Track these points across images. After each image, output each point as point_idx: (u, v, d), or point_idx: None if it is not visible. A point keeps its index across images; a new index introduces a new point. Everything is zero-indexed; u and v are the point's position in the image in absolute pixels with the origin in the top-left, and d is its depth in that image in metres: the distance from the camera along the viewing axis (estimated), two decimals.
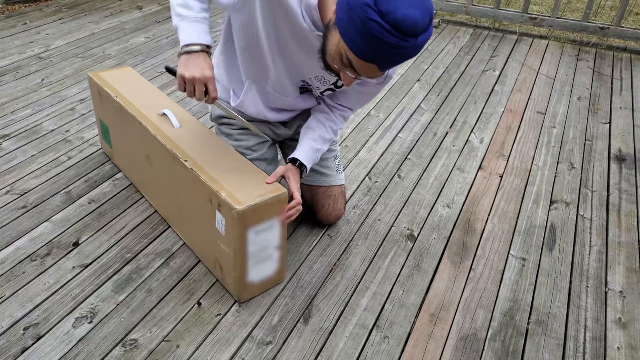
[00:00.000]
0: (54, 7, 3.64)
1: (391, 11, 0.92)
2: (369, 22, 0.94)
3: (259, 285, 1.40)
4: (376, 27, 0.94)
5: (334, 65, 1.11)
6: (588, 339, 1.35)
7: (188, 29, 1.20)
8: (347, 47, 1.02)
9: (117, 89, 1.74)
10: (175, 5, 1.22)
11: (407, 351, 1.30)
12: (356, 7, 0.95)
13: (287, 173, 1.36)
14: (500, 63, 3.00)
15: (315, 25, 1.17)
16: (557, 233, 1.71)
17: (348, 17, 0.97)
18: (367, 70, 1.06)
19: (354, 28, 0.97)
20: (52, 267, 1.49)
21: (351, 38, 0.99)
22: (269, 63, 1.32)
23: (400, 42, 0.95)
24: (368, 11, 0.93)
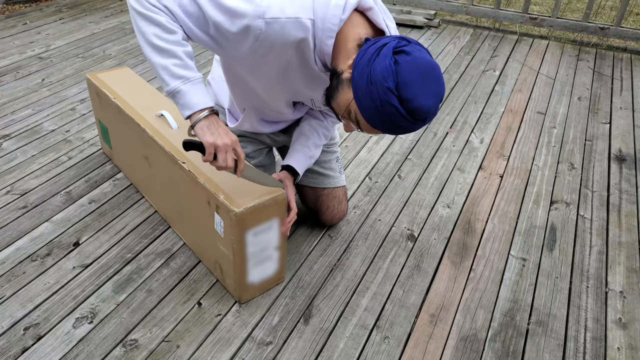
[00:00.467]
0: (54, 7, 3.64)
1: (410, 99, 0.97)
2: (388, 105, 0.97)
3: (258, 286, 1.40)
4: (393, 112, 0.98)
5: (338, 112, 1.14)
6: (588, 339, 1.35)
7: (195, 92, 1.12)
8: (359, 112, 1.05)
9: (114, 90, 1.74)
10: (169, 65, 1.09)
11: (407, 351, 1.30)
12: (378, 86, 0.97)
13: (285, 181, 1.37)
14: (500, 63, 3.01)
15: (325, 67, 1.17)
16: (557, 233, 1.71)
17: (366, 90, 1.00)
18: (371, 130, 1.10)
19: (370, 101, 1.00)
20: (52, 267, 1.49)
21: (366, 108, 1.02)
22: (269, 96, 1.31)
23: (410, 125, 1.00)
24: (389, 95, 0.97)
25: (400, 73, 0.96)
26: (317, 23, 1.08)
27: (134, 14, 1.09)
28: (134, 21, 1.10)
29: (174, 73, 1.10)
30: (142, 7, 1.07)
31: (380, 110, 0.99)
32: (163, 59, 1.09)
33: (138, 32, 1.10)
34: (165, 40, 1.08)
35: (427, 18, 3.53)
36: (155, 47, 1.08)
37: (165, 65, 1.09)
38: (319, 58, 1.14)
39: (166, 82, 1.11)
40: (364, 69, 1.00)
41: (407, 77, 0.96)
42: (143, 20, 1.08)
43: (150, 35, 1.08)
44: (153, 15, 1.07)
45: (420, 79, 0.97)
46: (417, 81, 0.97)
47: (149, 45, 1.09)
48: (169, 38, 1.08)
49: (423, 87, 0.97)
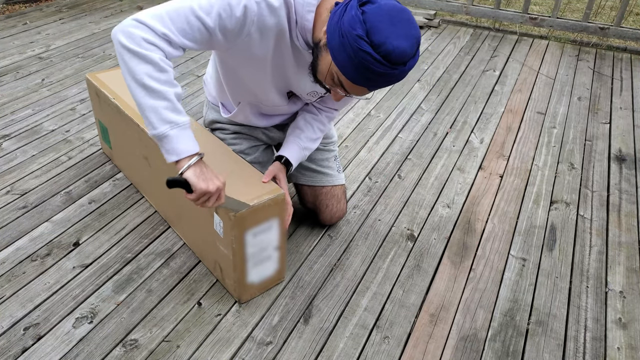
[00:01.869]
0: (54, 7, 3.64)
1: (382, 42, 0.97)
2: (361, 52, 0.98)
3: (258, 286, 1.40)
4: (368, 58, 0.98)
5: (324, 82, 1.14)
6: (588, 339, 1.35)
7: (183, 137, 1.09)
8: (339, 70, 1.05)
9: (114, 90, 1.74)
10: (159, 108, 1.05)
11: (407, 351, 1.30)
12: (349, 36, 0.98)
13: (278, 174, 1.38)
14: (500, 63, 3.01)
15: (307, 44, 1.19)
16: (557, 233, 1.71)
17: (340, 44, 1.01)
18: (356, 90, 1.10)
19: (345, 55, 1.01)
20: (52, 267, 1.49)
21: (343, 64, 1.02)
22: (261, 89, 1.33)
23: (389, 70, 1.00)
24: (360, 42, 0.97)
25: (368, 20, 0.97)
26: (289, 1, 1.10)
27: (122, 51, 1.03)
28: (122, 58, 1.03)
29: (163, 117, 1.05)
30: (135, 44, 1.02)
31: (356, 61, 0.99)
32: (152, 100, 1.04)
33: (126, 70, 1.04)
34: (157, 80, 1.04)
35: (427, 18, 3.53)
36: (146, 87, 1.03)
37: (154, 107, 1.05)
38: (300, 35, 1.16)
39: (153, 125, 1.06)
40: (334, 26, 1.01)
41: (376, 22, 0.97)
42: (134, 58, 1.02)
43: (142, 75, 1.03)
44: (146, 53, 1.02)
45: (390, 22, 0.97)
46: (387, 24, 0.97)
47: (138, 85, 1.04)
48: (161, 77, 1.04)
49: (394, 30, 0.97)
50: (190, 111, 2.36)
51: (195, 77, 2.69)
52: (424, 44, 3.24)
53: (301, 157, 1.46)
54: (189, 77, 2.69)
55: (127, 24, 1.03)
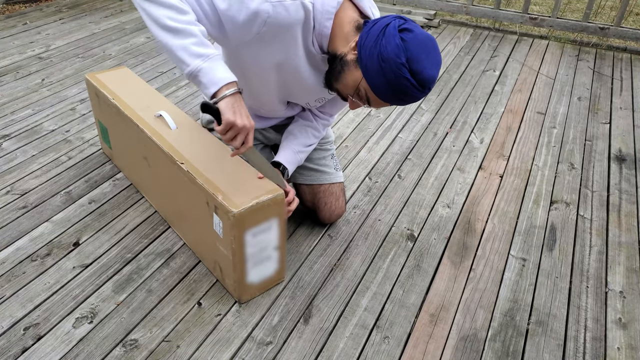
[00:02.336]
0: (54, 7, 3.64)
1: (420, 71, 1.08)
2: (402, 79, 1.08)
3: (258, 286, 1.40)
4: (407, 84, 1.09)
5: (345, 92, 1.21)
6: (588, 339, 1.35)
7: (218, 67, 1.09)
8: (369, 88, 1.14)
9: (113, 90, 1.74)
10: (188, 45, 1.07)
11: (407, 351, 1.30)
12: (390, 62, 1.07)
13: None
14: (500, 63, 3.01)
15: (321, 49, 1.23)
16: (557, 233, 1.71)
17: (378, 68, 1.09)
18: (380, 104, 1.19)
19: (383, 78, 1.10)
20: (52, 267, 1.49)
21: (377, 84, 1.11)
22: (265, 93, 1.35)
23: (419, 94, 1.12)
24: (403, 70, 1.07)
25: (408, 49, 1.07)
26: (316, 6, 1.14)
27: (142, 3, 1.06)
28: (143, 8, 1.06)
29: (193, 52, 1.07)
30: None
31: (394, 85, 1.09)
32: (179, 40, 1.06)
33: (149, 17, 1.06)
34: (179, 21, 1.06)
35: (427, 18, 3.53)
36: (170, 29, 1.06)
37: (183, 46, 1.06)
38: (316, 40, 1.19)
39: (186, 63, 1.07)
40: (372, 49, 1.09)
41: (415, 52, 1.07)
42: (153, 5, 1.05)
43: (164, 18, 1.05)
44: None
45: (425, 52, 1.08)
46: (423, 55, 1.08)
47: (162, 29, 1.06)
48: (182, 18, 1.06)
49: (428, 59, 1.08)
50: (190, 111, 2.36)
51: None
52: None
53: (297, 161, 1.49)
54: None
55: None
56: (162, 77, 2.68)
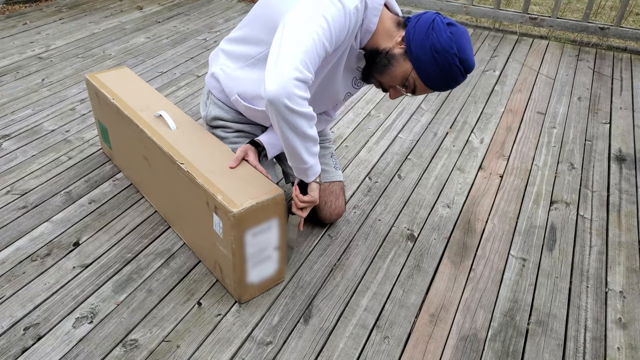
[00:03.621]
0: (54, 7, 3.64)
1: (466, 59, 1.23)
2: (454, 67, 1.22)
3: (258, 286, 1.40)
4: (457, 71, 1.23)
5: (391, 84, 1.31)
6: (588, 339, 1.35)
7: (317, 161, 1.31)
8: (419, 77, 1.26)
9: (113, 90, 1.74)
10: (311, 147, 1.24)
11: (407, 351, 1.30)
12: (444, 53, 1.20)
13: (248, 152, 1.41)
14: (500, 63, 3.01)
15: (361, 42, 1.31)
16: (557, 233, 1.71)
17: (431, 59, 1.21)
18: (424, 92, 1.31)
19: (435, 67, 1.22)
20: (52, 267, 1.49)
21: (429, 73, 1.24)
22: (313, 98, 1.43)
23: (462, 79, 1.26)
24: (455, 59, 1.21)
25: (457, 41, 1.21)
26: (367, 2, 1.23)
27: (284, 111, 1.12)
28: (284, 116, 1.13)
29: (313, 152, 1.26)
30: (296, 105, 1.12)
31: (446, 73, 1.23)
32: (306, 143, 1.23)
33: (288, 126, 1.16)
34: (310, 127, 1.20)
35: None
36: (305, 135, 1.20)
37: (307, 147, 1.24)
38: (360, 36, 1.29)
39: (305, 161, 1.26)
40: (423, 41, 1.22)
41: (462, 43, 1.22)
42: (296, 116, 1.14)
43: (303, 128, 1.17)
44: (305, 111, 1.15)
45: (467, 42, 1.24)
46: (466, 45, 1.23)
47: (298, 136, 1.19)
48: (312, 124, 1.20)
49: (468, 48, 1.24)
50: (190, 111, 2.36)
51: (195, 77, 2.69)
52: None
53: (279, 146, 1.49)
54: (189, 77, 2.69)
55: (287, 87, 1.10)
56: (162, 77, 2.68)
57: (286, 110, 1.12)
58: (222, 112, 1.55)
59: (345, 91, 1.46)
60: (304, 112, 1.15)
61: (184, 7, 3.76)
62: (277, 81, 1.09)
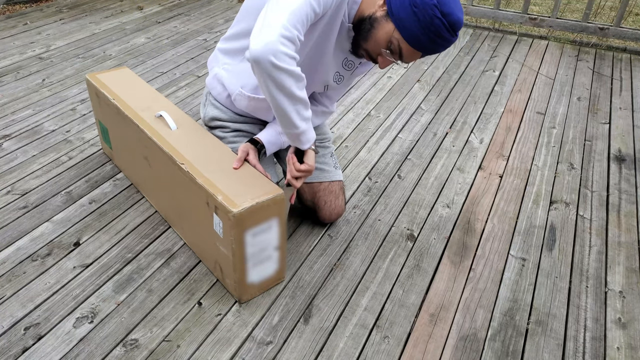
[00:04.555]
0: (54, 8, 3.65)
1: (449, 13, 1.16)
2: (435, 19, 1.15)
3: (259, 286, 1.41)
4: (439, 25, 1.16)
5: (376, 50, 1.27)
6: (587, 339, 1.35)
7: (312, 127, 1.31)
8: (402, 37, 1.21)
9: (114, 90, 1.74)
10: (301, 110, 1.22)
11: (407, 351, 1.30)
12: (425, 5, 1.15)
13: (249, 151, 1.41)
14: (499, 63, 3.01)
15: (349, 17, 1.31)
16: (556, 233, 1.71)
17: (411, 13, 1.17)
18: (412, 56, 1.26)
19: (416, 23, 1.17)
20: (53, 267, 1.49)
21: (410, 30, 1.18)
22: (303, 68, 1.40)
23: (450, 37, 1.19)
24: (435, 11, 1.15)
25: None
26: None
27: (270, 68, 1.11)
28: (270, 74, 1.12)
29: (304, 116, 1.24)
30: (282, 62, 1.11)
31: (428, 27, 1.17)
32: (296, 105, 1.21)
33: (274, 83, 1.14)
34: (299, 88, 1.18)
35: None
36: (293, 96, 1.18)
37: (297, 110, 1.22)
38: (348, 10, 1.28)
39: (296, 125, 1.24)
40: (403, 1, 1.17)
41: None
42: (282, 74, 1.12)
43: (290, 87, 1.16)
44: (291, 68, 1.13)
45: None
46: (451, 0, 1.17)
47: (284, 95, 1.17)
48: (301, 85, 1.18)
49: (455, 3, 1.17)
50: (190, 112, 2.37)
51: (196, 77, 2.69)
52: None
53: (279, 143, 1.50)
54: (189, 77, 2.69)
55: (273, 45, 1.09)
56: (162, 78, 2.68)
57: (272, 68, 1.10)
58: (219, 112, 1.56)
59: (334, 70, 1.44)
60: (290, 69, 1.12)
61: (184, 8, 3.77)
62: (262, 39, 1.08)
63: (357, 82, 2.71)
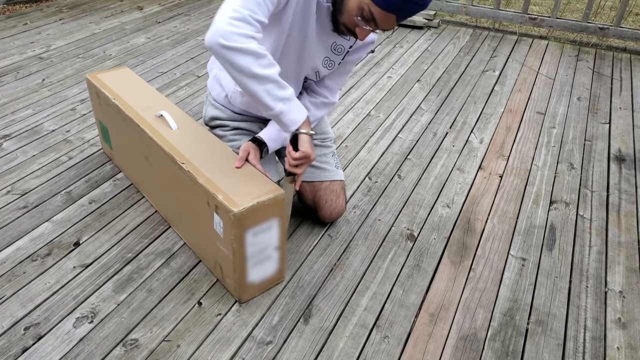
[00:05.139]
0: (54, 7, 3.64)
1: None
2: None
3: (259, 286, 1.41)
4: None
5: (350, 20, 1.23)
6: (587, 339, 1.35)
7: (297, 108, 1.24)
8: (371, 1, 1.16)
9: (114, 90, 1.74)
10: (271, 90, 1.18)
11: (407, 351, 1.30)
12: None
13: (250, 150, 1.41)
14: (500, 63, 3.01)
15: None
16: (556, 233, 1.71)
17: None
18: (386, 21, 1.20)
19: None
20: (53, 267, 1.49)
21: None
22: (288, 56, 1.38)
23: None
24: None
25: None
26: None
27: (222, 51, 1.11)
28: (224, 57, 1.12)
29: (277, 96, 1.19)
30: (231, 42, 1.10)
31: None
32: (263, 85, 1.17)
33: (232, 66, 1.13)
34: (261, 65, 1.15)
35: (427, 18, 3.53)
36: (255, 75, 1.15)
37: (267, 90, 1.18)
38: None
39: (270, 107, 1.20)
40: None
41: None
42: (235, 54, 1.11)
43: (249, 66, 1.13)
44: (243, 46, 1.11)
45: None
46: None
47: (246, 76, 1.15)
48: (263, 63, 1.15)
49: None
50: (190, 111, 2.37)
51: (196, 77, 2.69)
52: (423, 45, 3.25)
53: (280, 140, 1.49)
54: (189, 77, 2.69)
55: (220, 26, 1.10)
56: (162, 77, 2.68)
57: (223, 50, 1.10)
58: (219, 111, 1.58)
59: (323, 55, 1.42)
60: (243, 47, 1.11)
61: (184, 8, 3.76)
62: (212, 27, 1.11)
63: (357, 82, 2.71)
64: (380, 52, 3.11)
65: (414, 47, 3.20)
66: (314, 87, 1.56)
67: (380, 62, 2.98)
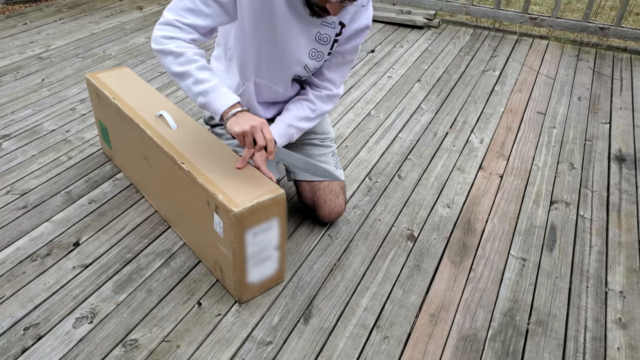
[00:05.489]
0: (54, 7, 3.64)
1: None
2: None
3: (259, 286, 1.40)
4: None
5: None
6: (588, 339, 1.35)
7: (215, 98, 1.27)
8: None
9: (114, 90, 1.74)
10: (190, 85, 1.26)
11: (407, 351, 1.30)
12: None
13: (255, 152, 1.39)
14: (500, 63, 3.01)
15: None
16: (557, 233, 1.71)
17: None
18: None
19: None
20: (52, 267, 1.49)
21: None
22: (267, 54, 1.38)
23: None
24: None
25: None
26: None
27: (156, 54, 1.26)
28: (160, 61, 1.27)
29: (194, 91, 1.26)
30: (157, 44, 1.25)
31: None
32: (184, 81, 1.26)
33: (164, 67, 1.28)
34: (179, 64, 1.24)
35: (427, 18, 3.53)
36: (175, 74, 1.26)
37: (187, 86, 1.26)
38: None
39: (195, 101, 1.28)
40: None
41: None
42: (161, 55, 1.25)
43: (169, 65, 1.25)
44: (164, 47, 1.24)
45: None
46: None
47: (172, 75, 1.27)
48: (180, 61, 1.24)
49: None
50: (190, 111, 2.36)
51: None
52: (423, 44, 3.24)
53: (288, 135, 1.48)
54: None
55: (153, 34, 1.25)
56: (162, 77, 2.68)
57: (155, 53, 1.25)
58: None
59: (308, 47, 1.39)
60: (165, 49, 1.23)
61: None
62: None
63: (357, 82, 2.71)
64: (380, 52, 3.11)
65: (414, 46, 3.20)
66: (316, 81, 1.54)
67: (381, 61, 2.97)
